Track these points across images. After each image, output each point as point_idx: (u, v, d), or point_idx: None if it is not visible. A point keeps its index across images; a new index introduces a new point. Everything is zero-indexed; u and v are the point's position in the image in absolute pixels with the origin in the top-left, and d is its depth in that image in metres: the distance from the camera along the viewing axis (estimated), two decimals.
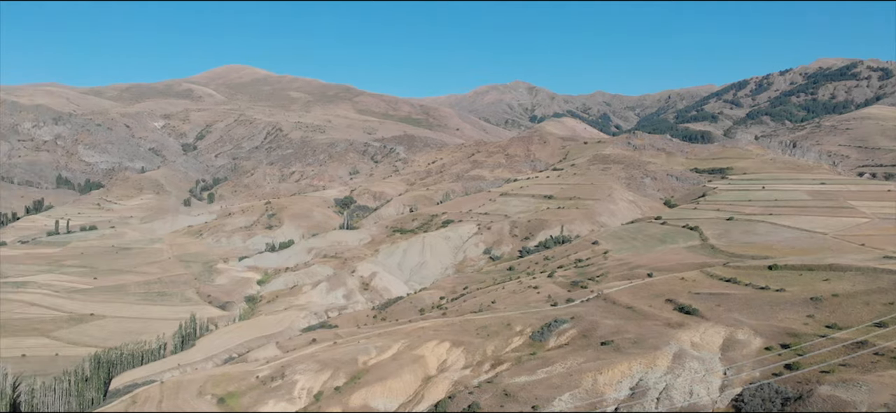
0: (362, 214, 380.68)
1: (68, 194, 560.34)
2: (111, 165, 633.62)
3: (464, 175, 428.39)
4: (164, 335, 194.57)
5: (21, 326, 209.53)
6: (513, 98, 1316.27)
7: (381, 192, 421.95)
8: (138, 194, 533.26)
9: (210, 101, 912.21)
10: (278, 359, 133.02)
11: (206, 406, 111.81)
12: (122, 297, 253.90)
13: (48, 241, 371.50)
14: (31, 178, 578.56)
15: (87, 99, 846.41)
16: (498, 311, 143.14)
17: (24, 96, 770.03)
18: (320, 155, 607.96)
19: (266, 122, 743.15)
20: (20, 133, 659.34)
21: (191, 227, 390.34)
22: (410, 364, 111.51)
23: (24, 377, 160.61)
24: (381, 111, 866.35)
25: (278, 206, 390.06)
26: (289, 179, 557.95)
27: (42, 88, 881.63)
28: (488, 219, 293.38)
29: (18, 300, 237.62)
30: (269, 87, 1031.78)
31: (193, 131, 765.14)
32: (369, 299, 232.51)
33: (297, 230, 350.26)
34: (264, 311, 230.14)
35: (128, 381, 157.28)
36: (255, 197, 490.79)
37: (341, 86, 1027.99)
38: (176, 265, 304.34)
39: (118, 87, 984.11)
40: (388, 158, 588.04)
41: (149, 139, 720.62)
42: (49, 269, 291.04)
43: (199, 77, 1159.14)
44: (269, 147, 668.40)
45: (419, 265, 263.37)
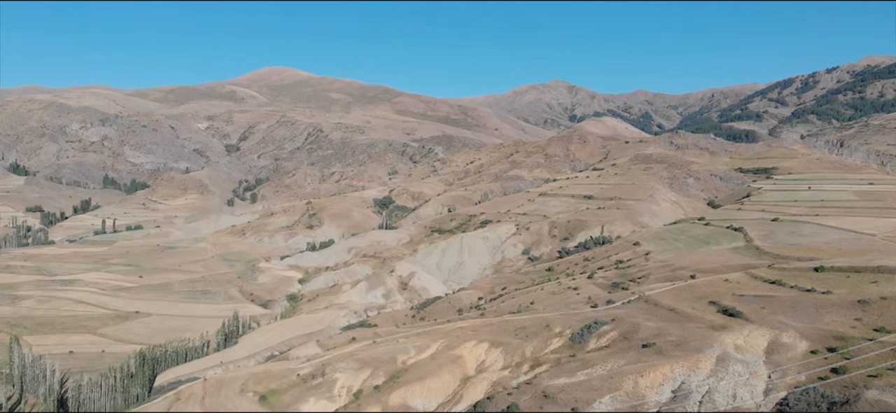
0: (401, 214, 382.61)
1: (115, 194, 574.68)
2: (156, 166, 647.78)
3: (502, 175, 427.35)
4: (207, 333, 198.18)
5: (69, 324, 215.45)
6: (552, 97, 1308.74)
7: (419, 192, 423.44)
8: (183, 194, 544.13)
9: (253, 102, 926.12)
10: (319, 357, 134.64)
11: (248, 403, 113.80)
12: (167, 295, 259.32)
13: (95, 241, 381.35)
14: (78, 179, 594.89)
15: (133, 101, 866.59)
16: (537, 312, 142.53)
17: (72, 98, 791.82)
18: (360, 155, 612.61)
19: (307, 123, 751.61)
20: (68, 134, 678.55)
21: (234, 227, 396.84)
22: (449, 364, 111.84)
23: (72, 373, 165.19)
24: (419, 112, 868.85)
25: (319, 206, 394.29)
26: (329, 180, 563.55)
27: (89, 90, 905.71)
28: (527, 219, 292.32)
29: (66, 298, 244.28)
30: (310, 89, 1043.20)
31: (236, 132, 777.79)
32: (408, 299, 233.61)
33: (336, 230, 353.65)
34: (305, 309, 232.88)
35: (172, 377, 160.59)
36: (296, 197, 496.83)
37: (380, 87, 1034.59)
38: (219, 264, 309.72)
39: (163, 89, 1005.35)
40: (427, 159, 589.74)
41: (193, 140, 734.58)
42: (96, 268, 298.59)
43: (242, 79, 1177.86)
44: (310, 148, 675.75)
45: (457, 265, 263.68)
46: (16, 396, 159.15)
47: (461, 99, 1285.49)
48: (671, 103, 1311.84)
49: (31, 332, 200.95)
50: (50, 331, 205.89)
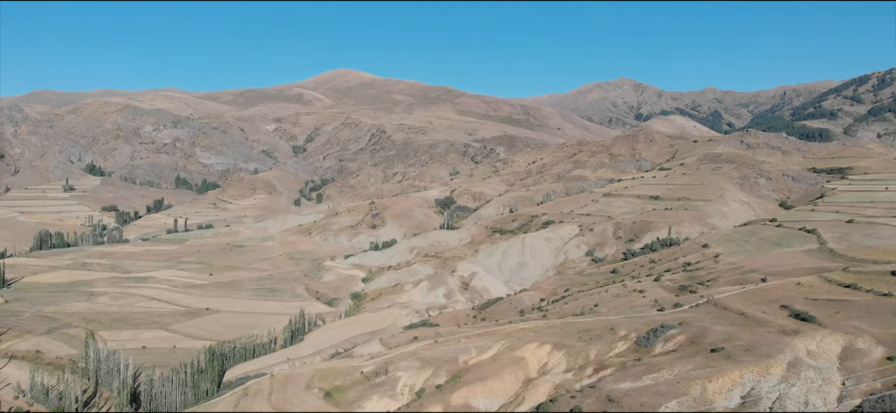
0: (462, 214, 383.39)
1: (186, 194, 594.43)
2: (226, 167, 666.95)
3: (565, 175, 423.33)
4: (274, 329, 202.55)
5: (142, 319, 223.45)
6: (617, 96, 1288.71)
7: (480, 192, 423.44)
8: (251, 194, 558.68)
9: (318, 104, 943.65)
10: (382, 355, 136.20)
11: (314, 399, 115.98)
12: (236, 292, 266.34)
13: (167, 239, 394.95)
14: (151, 179, 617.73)
15: (204, 103, 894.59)
16: (601, 314, 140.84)
17: (145, 101, 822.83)
18: (422, 156, 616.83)
19: (370, 124, 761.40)
20: (142, 136, 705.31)
21: (300, 226, 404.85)
22: (511, 365, 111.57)
23: (144, 368, 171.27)
24: (481, 112, 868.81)
25: (381, 206, 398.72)
26: (391, 180, 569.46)
27: (161, 93, 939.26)
28: (591, 220, 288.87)
29: (140, 294, 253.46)
30: (374, 91, 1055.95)
31: (303, 134, 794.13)
32: (469, 299, 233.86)
33: (399, 229, 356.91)
34: (368, 308, 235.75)
35: (240, 373, 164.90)
36: (359, 197, 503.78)
37: (442, 87, 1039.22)
38: (286, 262, 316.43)
39: (233, 92, 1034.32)
40: (488, 159, 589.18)
41: (261, 142, 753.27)
42: (168, 266, 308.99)
43: (309, 82, 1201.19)
44: (374, 149, 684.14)
45: (519, 266, 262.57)
46: (91, 390, 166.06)
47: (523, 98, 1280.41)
48: (741, 101, 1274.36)
49: (106, 328, 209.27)
50: (124, 326, 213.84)
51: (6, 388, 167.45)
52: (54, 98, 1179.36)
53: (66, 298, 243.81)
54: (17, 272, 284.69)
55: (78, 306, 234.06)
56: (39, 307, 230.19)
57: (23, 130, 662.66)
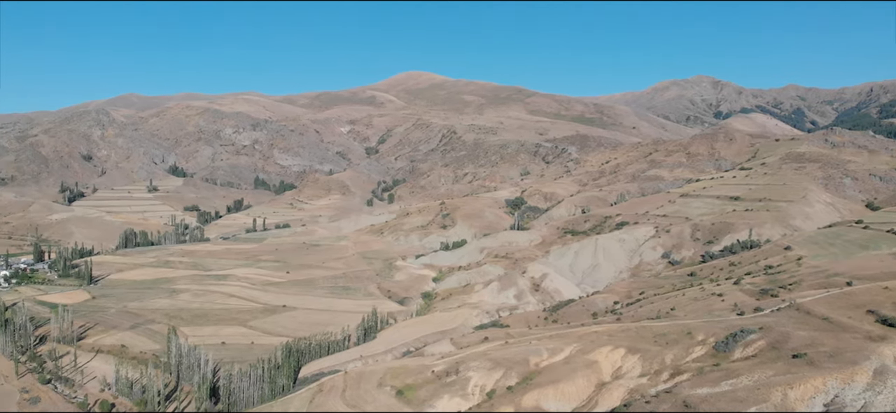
0: (533, 215, 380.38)
1: (264, 194, 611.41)
2: (302, 168, 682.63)
3: (640, 175, 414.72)
4: (348, 327, 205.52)
5: (222, 316, 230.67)
6: (695, 93, 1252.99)
7: (552, 192, 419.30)
8: (326, 195, 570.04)
9: (391, 106, 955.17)
10: (452, 355, 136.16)
11: (386, 397, 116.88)
12: (311, 290, 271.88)
13: (246, 238, 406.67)
14: (231, 180, 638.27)
15: (281, 106, 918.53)
16: (677, 318, 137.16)
17: (225, 105, 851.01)
18: (492, 156, 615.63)
19: (441, 125, 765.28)
20: (222, 138, 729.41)
21: (373, 226, 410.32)
22: (583, 368, 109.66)
23: (224, 363, 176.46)
24: (552, 111, 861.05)
25: (452, 206, 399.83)
26: (462, 181, 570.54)
27: (241, 97, 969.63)
28: (667, 221, 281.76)
29: (220, 292, 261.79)
30: (445, 92, 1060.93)
31: (375, 135, 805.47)
32: (540, 300, 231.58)
33: (469, 230, 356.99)
34: (439, 307, 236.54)
35: (315, 369, 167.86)
36: (430, 197, 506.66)
37: (513, 87, 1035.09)
38: (359, 261, 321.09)
39: (309, 95, 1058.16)
40: (560, 159, 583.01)
41: (336, 143, 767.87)
42: (247, 264, 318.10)
43: (381, 84, 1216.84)
44: (444, 149, 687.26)
45: (591, 268, 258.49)
46: (173, 384, 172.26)
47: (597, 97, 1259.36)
48: (825, 98, 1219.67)
49: (188, 324, 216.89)
50: (204, 322, 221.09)
51: (92, 381, 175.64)
52: (139, 102, 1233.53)
53: (150, 295, 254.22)
54: (104, 269, 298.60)
55: (161, 303, 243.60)
56: (124, 303, 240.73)
57: (109, 133, 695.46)
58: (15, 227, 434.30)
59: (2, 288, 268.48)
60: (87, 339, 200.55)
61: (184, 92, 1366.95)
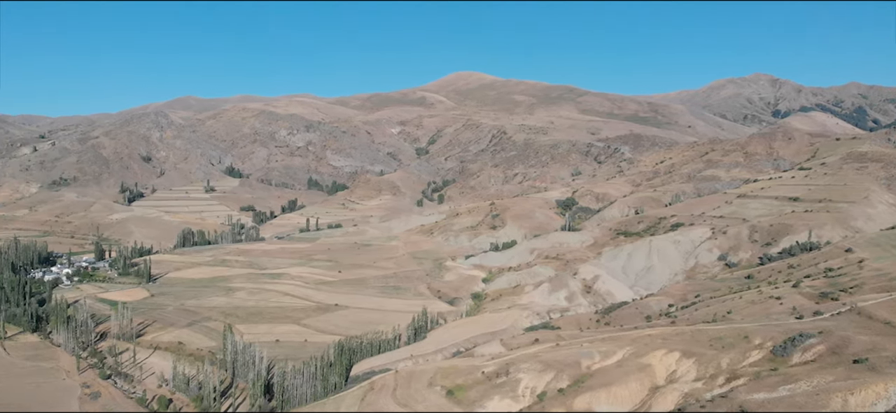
0: (584, 216, 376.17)
1: (317, 195, 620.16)
2: (354, 169, 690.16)
3: (696, 175, 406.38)
4: (398, 326, 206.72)
5: (276, 314, 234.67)
6: (752, 91, 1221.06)
7: (604, 193, 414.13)
8: (377, 195, 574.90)
9: (441, 107, 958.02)
10: (503, 356, 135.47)
11: (436, 396, 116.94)
12: (363, 289, 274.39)
13: (300, 238, 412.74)
14: (285, 181, 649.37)
15: (334, 108, 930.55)
16: (734, 321, 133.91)
17: (280, 107, 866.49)
18: (542, 156, 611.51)
19: (491, 125, 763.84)
20: (277, 140, 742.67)
21: (422, 226, 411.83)
22: (636, 372, 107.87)
23: (277, 361, 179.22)
24: (605, 110, 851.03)
25: (502, 206, 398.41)
26: (512, 181, 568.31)
27: (295, 99, 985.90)
28: (723, 222, 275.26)
29: (274, 290, 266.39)
30: (495, 92, 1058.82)
31: (425, 136, 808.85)
32: (592, 303, 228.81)
33: (519, 230, 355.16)
34: (489, 308, 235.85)
35: (366, 368, 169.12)
36: (480, 198, 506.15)
37: (564, 86, 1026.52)
38: (409, 261, 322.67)
39: (361, 97, 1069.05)
40: (612, 159, 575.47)
41: (387, 144, 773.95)
42: (300, 263, 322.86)
43: (431, 85, 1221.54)
44: (494, 150, 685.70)
45: (645, 270, 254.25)
46: (228, 380, 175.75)
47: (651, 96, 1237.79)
48: (888, 96, 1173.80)
49: (243, 321, 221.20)
50: (259, 320, 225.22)
51: (151, 377, 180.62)
52: (196, 104, 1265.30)
53: (207, 293, 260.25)
54: (162, 268, 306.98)
55: (217, 301, 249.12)
56: (182, 301, 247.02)
57: (168, 135, 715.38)
58: (77, 227, 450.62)
59: (64, 285, 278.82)
60: (146, 336, 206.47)
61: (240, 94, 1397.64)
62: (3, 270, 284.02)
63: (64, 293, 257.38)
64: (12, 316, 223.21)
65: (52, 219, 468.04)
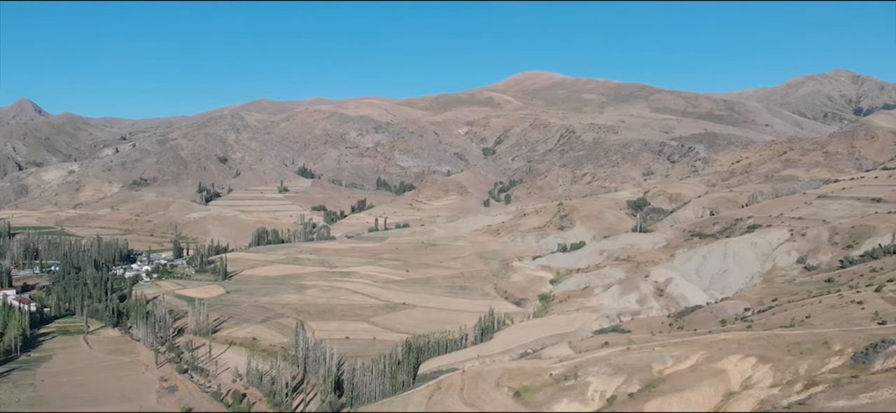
0: (656, 217, 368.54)
1: (385, 195, 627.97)
2: (421, 169, 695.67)
3: (773, 175, 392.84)
4: (465, 326, 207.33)
5: (346, 311, 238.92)
6: (833, 88, 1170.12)
7: (677, 193, 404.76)
8: (444, 195, 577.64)
9: (508, 107, 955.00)
10: (571, 358, 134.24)
11: (503, 397, 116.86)
12: (430, 289, 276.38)
13: (369, 237, 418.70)
14: (355, 181, 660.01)
15: (402, 109, 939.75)
16: (813, 326, 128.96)
17: (350, 109, 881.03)
18: (613, 156, 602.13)
19: (559, 124, 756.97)
20: (347, 141, 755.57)
21: (489, 226, 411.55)
22: (710, 377, 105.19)
23: (347, 357, 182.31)
24: (678, 109, 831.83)
25: (570, 207, 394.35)
26: (580, 181, 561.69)
27: (365, 101, 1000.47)
28: (802, 224, 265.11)
29: (344, 288, 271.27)
30: (564, 91, 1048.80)
31: (492, 136, 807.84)
32: (664, 306, 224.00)
33: (588, 231, 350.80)
34: (556, 310, 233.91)
35: (434, 367, 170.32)
36: (547, 198, 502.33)
37: (636, 84, 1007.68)
38: (476, 261, 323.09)
39: (428, 98, 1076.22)
40: (686, 158, 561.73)
41: (453, 145, 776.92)
42: (369, 262, 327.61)
43: (499, 85, 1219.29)
44: (562, 149, 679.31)
45: (720, 273, 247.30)
46: (299, 376, 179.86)
47: (726, 93, 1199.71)
48: None
49: (314, 318, 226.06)
50: (330, 317, 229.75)
51: (225, 371, 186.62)
52: (270, 106, 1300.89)
53: (280, 290, 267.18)
54: (238, 266, 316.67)
55: (289, 298, 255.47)
56: (256, 298, 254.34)
57: (244, 137, 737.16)
58: (156, 225, 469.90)
59: (144, 282, 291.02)
60: (222, 332, 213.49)
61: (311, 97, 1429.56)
62: (86, 267, 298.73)
63: (143, 289, 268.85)
64: (95, 311, 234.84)
65: (133, 217, 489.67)
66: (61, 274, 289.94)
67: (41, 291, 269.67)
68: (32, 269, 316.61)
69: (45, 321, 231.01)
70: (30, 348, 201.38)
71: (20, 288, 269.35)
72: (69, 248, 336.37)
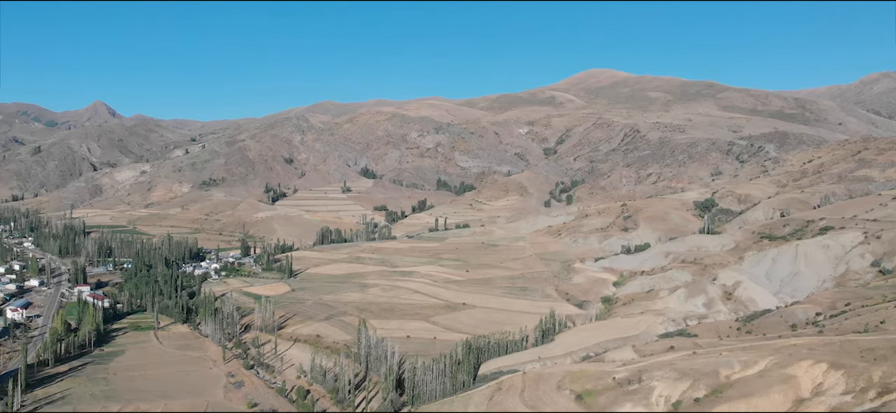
0: (724, 218, 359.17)
1: (445, 195, 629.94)
2: (481, 169, 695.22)
3: (847, 176, 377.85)
4: (525, 328, 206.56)
5: (407, 310, 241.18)
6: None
7: (746, 194, 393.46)
8: (504, 195, 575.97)
9: (570, 106, 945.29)
10: (635, 362, 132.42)
11: (565, 400, 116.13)
12: (490, 289, 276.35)
13: (429, 237, 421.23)
14: (416, 181, 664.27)
15: (462, 110, 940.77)
16: (888, 332, 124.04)
17: (411, 110, 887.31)
18: (679, 155, 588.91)
19: (623, 123, 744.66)
20: (408, 142, 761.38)
21: (550, 227, 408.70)
22: (779, 383, 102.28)
23: (408, 356, 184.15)
24: (747, 107, 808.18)
25: (634, 208, 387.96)
26: (645, 181, 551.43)
27: (426, 102, 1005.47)
28: (878, 226, 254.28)
29: (405, 287, 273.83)
30: (628, 89, 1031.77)
31: (554, 136, 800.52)
32: (732, 310, 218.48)
33: (653, 233, 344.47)
34: (620, 313, 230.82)
35: (494, 368, 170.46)
36: (610, 199, 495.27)
37: (703, 82, 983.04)
38: (536, 262, 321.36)
39: (489, 98, 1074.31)
40: (756, 158, 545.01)
41: (514, 145, 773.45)
42: (430, 262, 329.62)
43: (561, 84, 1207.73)
44: (626, 149, 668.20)
45: (791, 276, 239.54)
46: (362, 373, 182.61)
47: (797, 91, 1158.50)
48: None
49: (376, 317, 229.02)
50: (391, 316, 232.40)
51: (290, 368, 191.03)
52: (334, 108, 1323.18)
53: (343, 289, 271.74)
54: (303, 264, 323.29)
55: (352, 296, 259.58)
56: (320, 296, 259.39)
57: (309, 138, 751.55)
58: (225, 224, 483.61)
59: (213, 279, 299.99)
60: (287, 329, 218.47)
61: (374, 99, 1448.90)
62: (157, 265, 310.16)
63: (212, 287, 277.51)
64: (165, 307, 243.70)
65: (202, 217, 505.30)
66: (133, 271, 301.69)
67: (114, 288, 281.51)
68: (106, 266, 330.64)
69: (118, 317, 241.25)
70: (103, 343, 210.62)
71: (94, 285, 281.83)
72: (141, 247, 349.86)
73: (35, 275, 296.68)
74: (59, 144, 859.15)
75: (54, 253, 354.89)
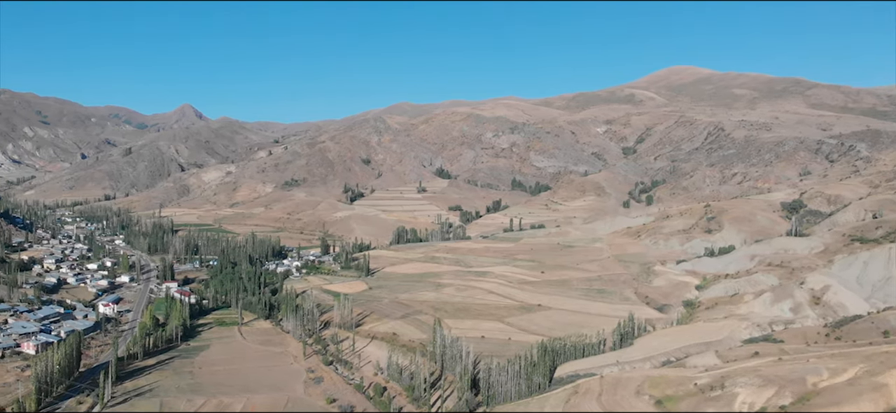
0: (813, 220, 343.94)
1: (520, 195, 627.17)
2: (557, 169, 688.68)
3: None
4: (603, 331, 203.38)
5: (481, 311, 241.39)
6: None
7: (836, 195, 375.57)
8: (581, 196, 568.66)
9: (650, 104, 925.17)
10: (718, 368, 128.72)
11: (644, 405, 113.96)
12: (565, 291, 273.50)
13: (504, 237, 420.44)
14: (490, 181, 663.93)
15: (538, 109, 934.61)
16: None
17: (486, 110, 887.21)
18: (765, 155, 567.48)
19: (707, 122, 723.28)
20: (483, 142, 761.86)
21: (629, 228, 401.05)
22: (870, 391, 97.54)
23: (483, 357, 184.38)
24: (837, 104, 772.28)
25: (718, 209, 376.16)
26: (730, 181, 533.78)
27: (501, 102, 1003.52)
28: None
29: (480, 288, 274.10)
30: (711, 86, 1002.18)
31: (633, 135, 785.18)
32: (820, 315, 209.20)
33: (737, 235, 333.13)
34: (702, 317, 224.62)
35: (570, 371, 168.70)
36: (693, 199, 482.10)
37: (790, 79, 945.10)
38: (614, 264, 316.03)
39: (565, 97, 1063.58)
40: (846, 157, 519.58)
41: (591, 144, 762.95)
42: (504, 262, 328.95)
43: (640, 81, 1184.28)
44: (709, 148, 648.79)
45: (883, 280, 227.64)
46: (437, 372, 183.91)
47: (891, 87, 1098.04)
48: None
49: (451, 316, 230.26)
50: (465, 316, 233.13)
51: (367, 365, 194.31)
52: (410, 109, 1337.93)
53: (418, 288, 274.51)
54: (379, 263, 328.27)
55: (427, 295, 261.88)
56: (396, 295, 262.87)
57: (385, 139, 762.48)
58: (306, 223, 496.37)
59: (294, 277, 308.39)
60: (364, 326, 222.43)
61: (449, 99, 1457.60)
62: (241, 262, 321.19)
63: (293, 284, 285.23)
64: (249, 304, 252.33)
65: (284, 216, 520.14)
66: (219, 268, 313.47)
67: (200, 285, 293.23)
68: (193, 263, 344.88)
69: (204, 312, 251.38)
70: (189, 338, 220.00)
71: (181, 281, 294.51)
72: (226, 245, 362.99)
73: (125, 271, 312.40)
74: (148, 146, 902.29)
75: (144, 250, 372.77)
